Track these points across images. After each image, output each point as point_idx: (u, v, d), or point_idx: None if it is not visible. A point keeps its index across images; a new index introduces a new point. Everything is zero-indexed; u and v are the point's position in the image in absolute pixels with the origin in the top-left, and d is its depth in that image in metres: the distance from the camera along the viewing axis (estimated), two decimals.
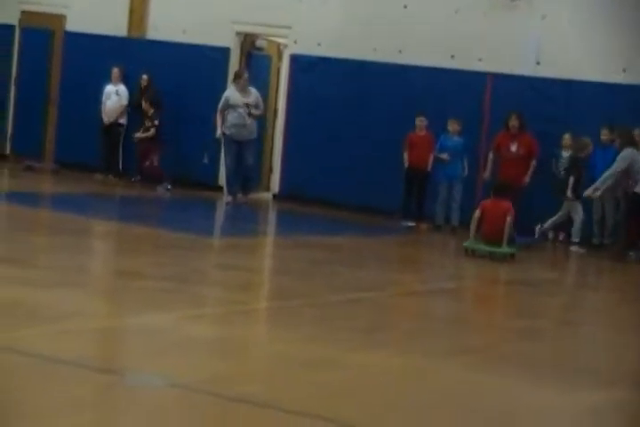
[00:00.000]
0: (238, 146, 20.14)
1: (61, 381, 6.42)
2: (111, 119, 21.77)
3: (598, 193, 17.08)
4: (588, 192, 17.01)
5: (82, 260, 12.17)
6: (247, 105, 19.98)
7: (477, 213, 15.71)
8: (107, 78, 21.92)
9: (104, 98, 21.89)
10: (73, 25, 23.26)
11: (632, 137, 17.53)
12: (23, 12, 23.84)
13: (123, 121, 21.87)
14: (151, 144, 21.20)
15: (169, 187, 20.45)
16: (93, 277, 10.88)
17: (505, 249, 15.39)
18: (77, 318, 8.29)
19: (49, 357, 6.82)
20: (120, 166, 21.86)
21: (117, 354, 7.80)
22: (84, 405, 6.05)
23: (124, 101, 21.86)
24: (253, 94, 20.15)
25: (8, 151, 23.34)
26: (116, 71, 21.85)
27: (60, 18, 23.47)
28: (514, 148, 18.46)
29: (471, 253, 15.35)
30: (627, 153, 17.03)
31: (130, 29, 22.87)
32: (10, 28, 23.81)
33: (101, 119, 21.82)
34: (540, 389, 7.65)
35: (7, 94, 23.29)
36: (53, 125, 23.44)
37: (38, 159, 22.85)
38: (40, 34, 23.71)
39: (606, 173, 17.00)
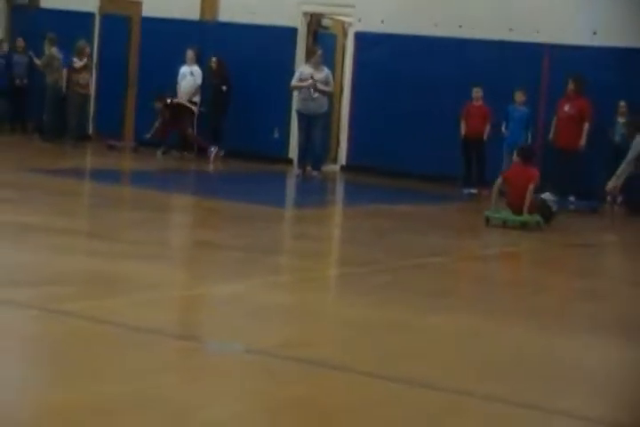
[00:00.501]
0: (307, 120, 20.13)
1: (145, 347, 6.44)
2: (185, 97, 21.90)
3: (620, 182, 16.92)
4: (609, 186, 16.81)
5: (163, 233, 12.13)
6: (314, 80, 20.06)
7: (499, 181, 14.25)
8: (181, 60, 22.01)
9: (179, 78, 21.99)
10: (149, 11, 23.33)
11: None
12: (102, 0, 23.99)
13: (196, 99, 21.98)
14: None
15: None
16: (174, 250, 10.87)
17: (524, 217, 13.75)
18: (160, 288, 8.27)
19: (134, 325, 6.82)
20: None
21: (197, 322, 7.77)
22: (167, 369, 6.07)
23: (199, 81, 21.89)
24: (324, 71, 20.10)
25: (91, 131, 23.52)
26: (190, 53, 21.86)
27: (137, 4, 23.52)
28: (567, 108, 18.46)
29: (487, 223, 13.88)
30: (638, 140, 16.87)
31: (202, 13, 22.88)
32: (90, 15, 23.90)
33: (172, 100, 21.97)
34: (604, 346, 7.61)
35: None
36: (132, 106, 23.59)
37: (119, 138, 23.07)
38: (118, 20, 23.75)
39: (622, 165, 16.85)
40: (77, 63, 22.26)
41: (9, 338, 6.39)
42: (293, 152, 21.42)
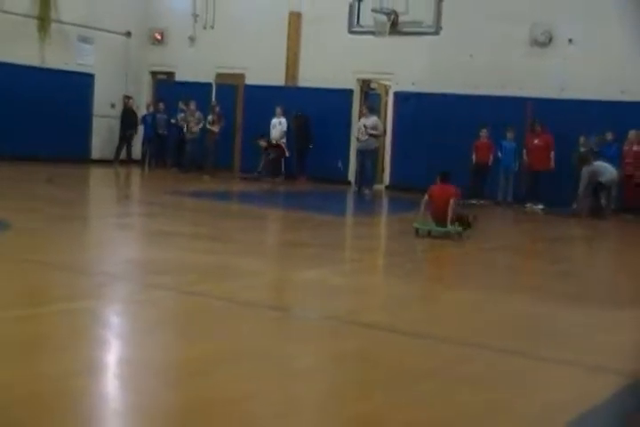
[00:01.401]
0: (361, 154, 20.29)
1: (249, 316, 6.46)
2: (275, 140, 22.02)
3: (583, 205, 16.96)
4: (575, 208, 16.91)
5: (260, 236, 12.17)
6: (365, 126, 20.06)
7: (425, 198, 12.15)
8: (272, 114, 22.13)
9: (271, 127, 22.11)
10: (249, 80, 23.49)
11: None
12: (218, 74, 24.16)
13: (284, 141, 22.09)
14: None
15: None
16: (268, 247, 10.96)
17: (447, 228, 11.75)
18: (259, 275, 8.30)
19: (241, 300, 6.86)
20: (283, 171, 22.25)
21: (286, 298, 7.76)
22: (266, 331, 6.07)
23: (284, 129, 22.02)
24: (371, 119, 20.16)
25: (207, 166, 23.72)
26: (278, 109, 21.96)
27: (241, 76, 23.69)
28: (536, 141, 18.56)
29: (417, 233, 11.82)
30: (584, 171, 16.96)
31: (286, 80, 23.01)
32: (209, 84, 24.13)
33: (269, 141, 22.09)
34: (574, 312, 7.53)
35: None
36: (239, 147, 23.75)
37: (230, 170, 23.25)
38: (228, 87, 23.98)
39: (579, 191, 17.07)
40: (211, 117, 22.57)
41: (156, 310, 6.44)
42: (351, 176, 21.52)
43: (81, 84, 23.19)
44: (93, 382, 4.55)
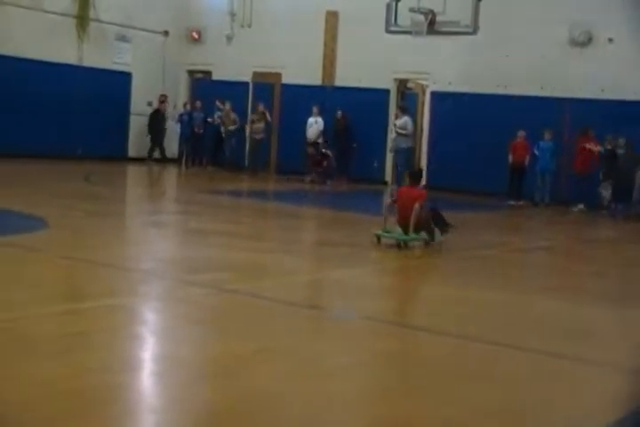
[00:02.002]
0: (394, 154, 20.39)
1: (285, 314, 6.49)
2: (312, 139, 22.07)
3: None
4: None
5: (296, 234, 12.19)
6: (395, 125, 20.37)
7: (389, 200, 11.00)
8: (309, 113, 22.18)
9: (307, 126, 22.14)
10: (286, 79, 23.56)
11: None
12: (254, 73, 24.24)
13: (320, 140, 22.13)
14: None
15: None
16: (304, 246, 10.97)
17: (402, 236, 10.29)
18: (294, 273, 8.33)
19: (277, 298, 6.88)
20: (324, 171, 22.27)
21: (322, 297, 7.79)
22: (301, 329, 6.11)
23: (321, 128, 22.05)
24: (402, 119, 20.24)
25: (246, 165, 23.88)
26: (315, 108, 22.01)
27: (278, 75, 23.76)
28: (587, 146, 18.31)
29: (378, 241, 10.38)
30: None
31: (323, 80, 23.05)
32: (246, 84, 24.23)
33: (306, 140, 22.15)
34: (604, 310, 7.51)
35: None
36: (275, 146, 23.81)
37: (266, 169, 23.33)
38: (265, 86, 24.06)
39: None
40: (254, 117, 22.72)
41: (194, 307, 6.49)
42: (388, 176, 21.54)
43: (118, 82, 23.39)
44: (132, 378, 4.62)
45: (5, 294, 6.18)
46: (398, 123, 20.21)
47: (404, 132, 20.11)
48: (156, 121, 23.40)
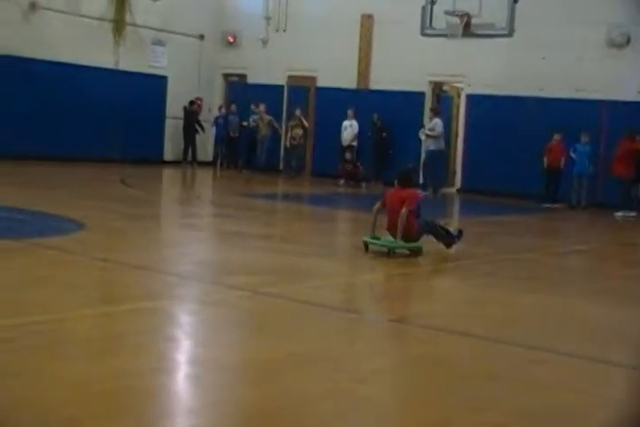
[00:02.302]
0: (425, 155, 20.50)
1: (321, 317, 6.47)
2: (347, 143, 22.06)
3: None
4: None
5: (331, 237, 12.18)
6: (424, 127, 20.42)
7: (377, 205, 9.74)
8: (343, 116, 22.18)
9: (342, 129, 22.15)
10: (321, 83, 23.58)
11: None
12: (289, 76, 24.28)
13: (354, 143, 22.12)
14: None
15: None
16: (339, 249, 10.92)
17: (386, 243, 9.34)
18: (330, 277, 8.31)
19: (313, 302, 6.89)
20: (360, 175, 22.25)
21: (357, 300, 7.75)
22: (337, 332, 6.08)
23: (356, 131, 22.06)
24: (432, 122, 20.25)
25: (281, 167, 23.93)
26: (350, 112, 22.03)
27: (313, 79, 23.79)
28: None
29: (366, 248, 9.53)
30: None
31: (358, 83, 23.03)
32: (280, 87, 24.29)
33: (341, 143, 22.15)
34: None
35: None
36: (310, 149, 23.82)
37: (302, 172, 23.35)
38: (300, 90, 24.09)
39: None
40: (291, 123, 22.83)
41: (230, 310, 6.50)
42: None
43: (154, 86, 23.53)
44: (168, 380, 4.62)
45: (42, 296, 6.22)
46: (429, 124, 20.20)
47: (432, 133, 20.05)
48: (190, 123, 23.51)
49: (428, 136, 20.11)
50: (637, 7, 18.85)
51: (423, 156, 20.69)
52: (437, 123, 20.21)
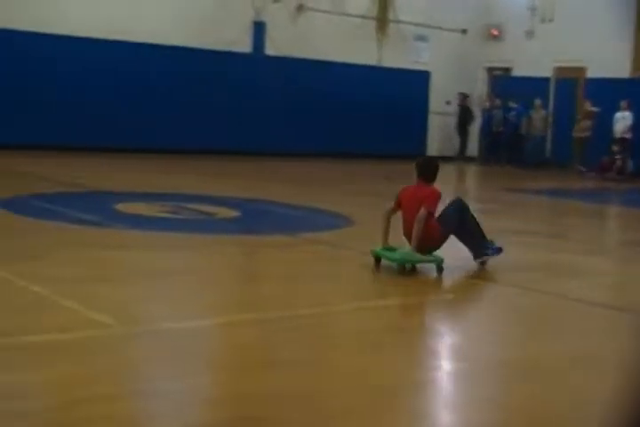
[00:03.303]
0: None
1: (597, 317, 6.23)
2: (618, 135, 21.25)
3: None
4: None
5: (600, 234, 11.83)
6: None
7: (391, 205, 7.64)
8: (615, 108, 21.37)
9: (614, 121, 21.38)
10: (591, 73, 22.82)
11: None
12: (555, 68, 23.69)
13: (627, 136, 21.27)
14: None
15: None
16: (610, 246, 10.40)
17: (393, 255, 7.19)
18: (603, 275, 7.99)
19: (588, 300, 6.64)
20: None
21: (626, 298, 7.38)
22: (611, 334, 5.85)
23: (629, 123, 21.23)
24: None
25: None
26: (623, 103, 21.22)
27: (582, 69, 23.07)
28: None
29: (376, 262, 7.32)
30: None
31: (632, 72, 22.15)
32: (546, 80, 23.75)
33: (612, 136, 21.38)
34: None
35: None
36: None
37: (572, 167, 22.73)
38: (567, 82, 23.46)
39: None
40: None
41: (501, 307, 6.44)
42: None
43: (417, 81, 23.73)
44: (436, 376, 4.61)
45: (310, 290, 6.40)
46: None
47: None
48: (463, 119, 23.84)
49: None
50: None
51: None
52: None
